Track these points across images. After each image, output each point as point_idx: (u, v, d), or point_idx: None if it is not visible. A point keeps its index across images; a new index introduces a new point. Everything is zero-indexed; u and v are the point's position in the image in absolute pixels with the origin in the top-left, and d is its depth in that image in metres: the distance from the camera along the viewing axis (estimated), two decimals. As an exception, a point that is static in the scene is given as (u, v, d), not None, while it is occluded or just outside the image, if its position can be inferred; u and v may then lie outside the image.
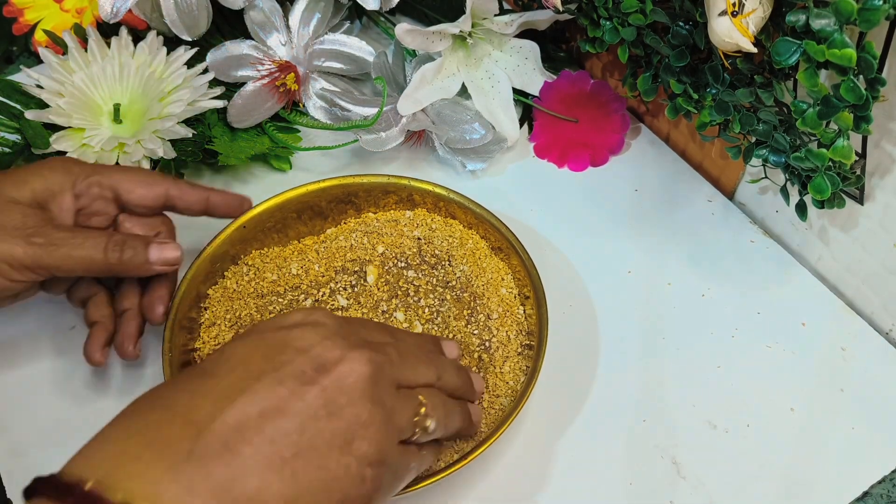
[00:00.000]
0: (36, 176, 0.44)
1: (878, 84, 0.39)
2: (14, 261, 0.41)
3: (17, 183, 0.43)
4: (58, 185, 0.44)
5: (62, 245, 0.42)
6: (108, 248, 0.43)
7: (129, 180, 0.46)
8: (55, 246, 0.42)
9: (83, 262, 0.42)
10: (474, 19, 0.60)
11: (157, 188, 0.47)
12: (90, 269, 0.43)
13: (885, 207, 0.48)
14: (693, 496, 0.45)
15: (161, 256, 0.44)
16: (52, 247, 0.41)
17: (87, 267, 0.43)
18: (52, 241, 0.42)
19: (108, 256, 0.43)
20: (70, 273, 0.43)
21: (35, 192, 0.43)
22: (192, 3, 0.59)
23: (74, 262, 0.42)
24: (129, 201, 0.46)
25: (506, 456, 0.47)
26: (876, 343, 0.52)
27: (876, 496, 0.46)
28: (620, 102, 0.63)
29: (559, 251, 0.57)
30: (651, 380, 0.50)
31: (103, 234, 0.43)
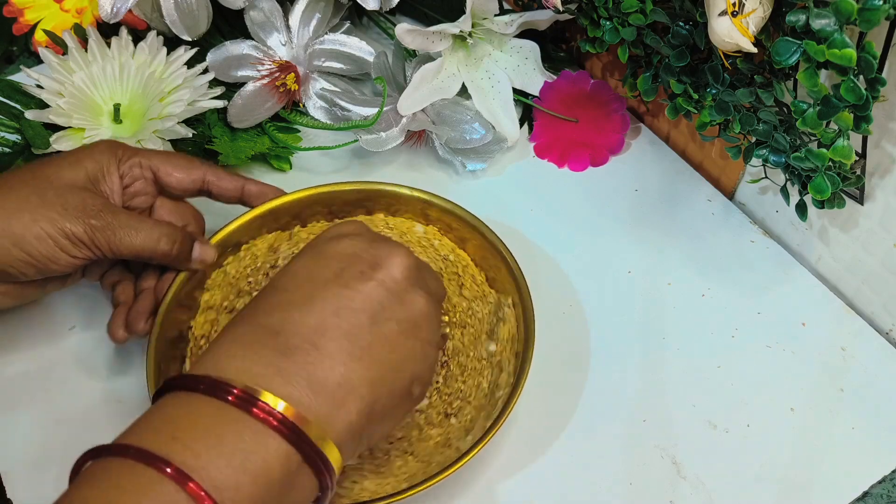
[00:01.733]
0: (88, 158, 0.46)
1: (878, 84, 0.39)
2: (75, 237, 0.43)
3: (73, 165, 0.46)
4: (106, 165, 0.47)
5: (118, 228, 0.44)
6: (162, 239, 0.46)
7: (168, 163, 0.49)
8: (112, 230, 0.44)
9: (135, 248, 0.45)
10: (474, 19, 0.60)
11: (195, 173, 0.49)
12: (138, 254, 0.46)
13: (885, 207, 0.48)
14: (693, 496, 0.45)
15: (200, 256, 0.48)
16: (110, 230, 0.44)
17: (137, 253, 0.45)
18: (110, 225, 0.44)
19: (160, 247, 0.46)
20: (119, 255, 0.45)
21: (88, 173, 0.46)
22: (192, 3, 0.59)
23: (127, 246, 0.45)
24: (167, 184, 0.49)
25: (504, 456, 0.47)
26: (876, 343, 0.52)
27: (876, 496, 0.46)
28: (620, 102, 0.63)
29: (559, 251, 0.57)
30: (651, 380, 0.50)
31: (157, 226, 0.46)
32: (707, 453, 0.47)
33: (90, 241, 0.44)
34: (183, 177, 0.49)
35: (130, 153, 0.48)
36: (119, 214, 0.45)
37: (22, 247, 0.42)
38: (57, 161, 0.46)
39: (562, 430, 0.48)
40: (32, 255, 0.43)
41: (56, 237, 0.43)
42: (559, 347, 0.52)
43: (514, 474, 0.46)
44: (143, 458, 0.30)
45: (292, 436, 0.33)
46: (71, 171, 0.45)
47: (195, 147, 0.58)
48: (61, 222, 0.43)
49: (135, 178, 0.48)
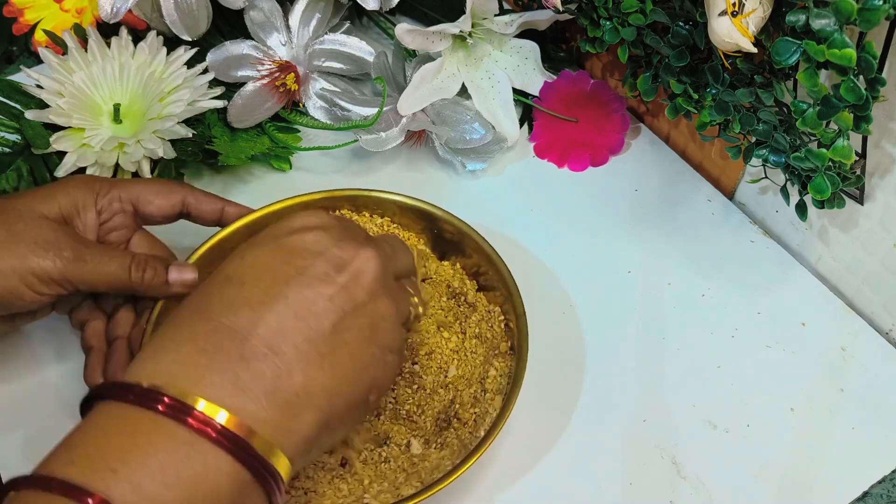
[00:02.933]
0: (62, 193, 0.45)
1: (878, 84, 0.39)
2: (43, 274, 0.42)
3: (46, 199, 0.45)
4: (82, 200, 0.46)
5: (89, 261, 0.43)
6: (132, 267, 0.44)
7: (147, 192, 0.48)
8: (83, 262, 0.43)
9: (107, 278, 0.44)
10: (474, 19, 0.60)
11: (174, 197, 0.49)
12: (112, 286, 0.44)
13: (885, 207, 0.48)
14: (693, 496, 0.45)
15: (180, 278, 0.46)
16: (81, 262, 0.43)
17: (110, 284, 0.44)
18: (80, 257, 0.43)
19: (132, 275, 0.44)
20: (92, 288, 0.44)
21: (62, 207, 0.45)
22: (192, 3, 0.59)
23: (99, 278, 0.43)
24: (148, 213, 0.48)
25: (504, 457, 0.47)
26: (876, 343, 0.52)
27: (876, 496, 0.46)
28: (620, 102, 0.63)
29: (559, 251, 0.57)
30: (651, 380, 0.50)
31: (127, 254, 0.45)
32: (707, 453, 0.47)
33: (60, 276, 0.42)
34: (163, 203, 0.48)
35: (108, 186, 0.47)
36: (90, 246, 0.44)
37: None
38: (29, 194, 0.45)
39: (562, 430, 0.48)
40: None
41: (23, 273, 0.41)
42: (559, 348, 0.52)
43: (515, 474, 0.46)
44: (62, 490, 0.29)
45: (235, 448, 0.31)
46: (43, 205, 0.44)
47: (195, 147, 0.58)
48: (29, 258, 0.41)
49: (114, 213, 0.47)
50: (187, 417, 0.31)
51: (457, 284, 0.51)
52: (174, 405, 0.31)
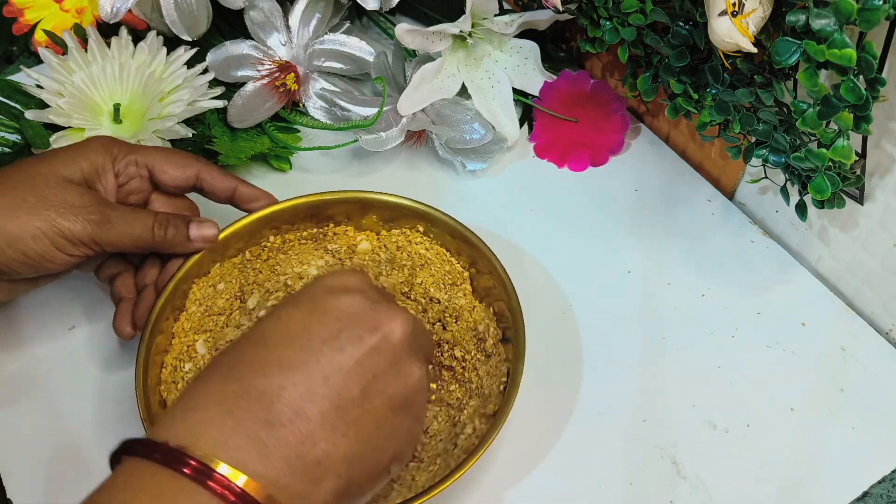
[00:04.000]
0: (83, 156, 0.46)
1: (878, 84, 0.39)
2: (73, 237, 0.43)
3: (68, 163, 0.45)
4: (101, 164, 0.46)
5: (115, 223, 0.45)
6: (155, 226, 0.46)
7: (163, 160, 0.48)
8: (109, 224, 0.44)
9: (132, 238, 0.45)
10: (474, 19, 0.60)
11: (189, 170, 0.49)
12: (137, 246, 0.46)
13: (885, 207, 0.48)
14: (693, 496, 0.45)
15: (200, 234, 0.48)
16: (108, 224, 0.44)
17: (135, 243, 0.45)
18: (107, 219, 0.44)
19: (155, 234, 0.46)
20: (119, 249, 0.45)
21: (84, 171, 0.46)
22: (192, 3, 0.59)
23: (125, 238, 0.45)
24: (162, 181, 0.49)
25: (504, 457, 0.47)
26: (876, 343, 0.52)
27: (876, 496, 0.46)
28: (620, 102, 0.63)
29: (559, 251, 0.57)
30: (651, 380, 0.50)
31: (150, 213, 0.46)
32: (707, 453, 0.47)
33: (89, 238, 0.43)
34: (178, 174, 0.49)
35: (126, 151, 0.48)
36: (115, 208, 0.45)
37: (17, 246, 0.42)
38: (51, 158, 0.46)
39: (562, 430, 0.48)
40: (28, 255, 0.42)
41: (53, 236, 0.43)
42: (558, 347, 0.52)
43: (515, 474, 0.46)
44: None
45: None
46: (66, 169, 0.45)
47: (195, 147, 0.58)
48: (59, 221, 0.43)
49: (130, 177, 0.48)
50: (209, 481, 0.31)
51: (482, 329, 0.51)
52: (198, 468, 0.31)
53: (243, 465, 0.31)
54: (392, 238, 0.53)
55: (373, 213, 0.53)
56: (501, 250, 0.56)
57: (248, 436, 0.32)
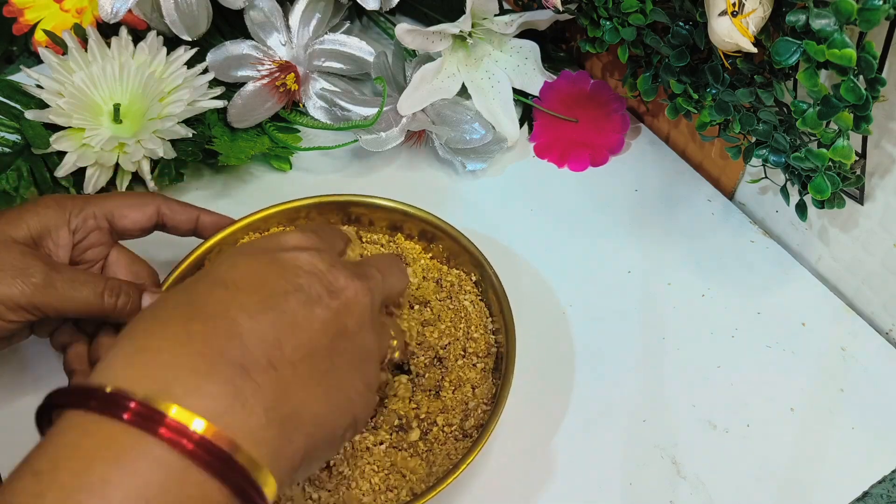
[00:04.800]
0: (31, 214, 0.44)
1: (878, 84, 0.39)
2: (10, 301, 0.40)
3: (13, 221, 0.43)
4: (53, 221, 0.44)
5: (59, 287, 0.42)
6: (105, 293, 0.43)
7: (121, 206, 0.47)
8: (53, 288, 0.41)
9: (79, 304, 0.42)
10: (474, 19, 0.60)
11: (148, 209, 0.48)
12: (84, 312, 0.43)
13: (885, 207, 0.48)
14: (693, 496, 0.45)
15: None
16: (50, 288, 0.41)
17: (82, 309, 0.42)
18: (50, 283, 0.41)
19: (105, 301, 0.43)
20: (63, 314, 0.42)
21: (31, 229, 0.44)
22: (192, 3, 0.59)
23: (70, 303, 0.42)
24: (123, 227, 0.47)
25: (503, 457, 0.47)
26: (876, 343, 0.52)
27: (876, 496, 0.46)
28: (620, 102, 0.63)
29: (559, 251, 0.57)
30: (651, 380, 0.50)
31: (100, 279, 0.43)
32: (707, 453, 0.47)
33: (28, 303, 0.41)
34: (138, 216, 0.47)
35: (81, 205, 0.46)
36: (62, 271, 0.42)
37: None
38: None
39: (560, 430, 0.48)
40: None
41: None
42: (558, 347, 0.52)
43: (514, 474, 0.46)
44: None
45: (217, 463, 0.27)
46: (11, 228, 0.43)
47: (195, 147, 0.58)
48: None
49: (89, 231, 0.46)
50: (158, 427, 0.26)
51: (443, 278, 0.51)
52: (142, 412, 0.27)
53: (220, 415, 0.28)
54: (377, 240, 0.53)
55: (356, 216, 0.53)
56: (501, 250, 0.56)
57: (223, 381, 0.28)
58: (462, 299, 0.50)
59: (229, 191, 0.60)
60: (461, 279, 0.51)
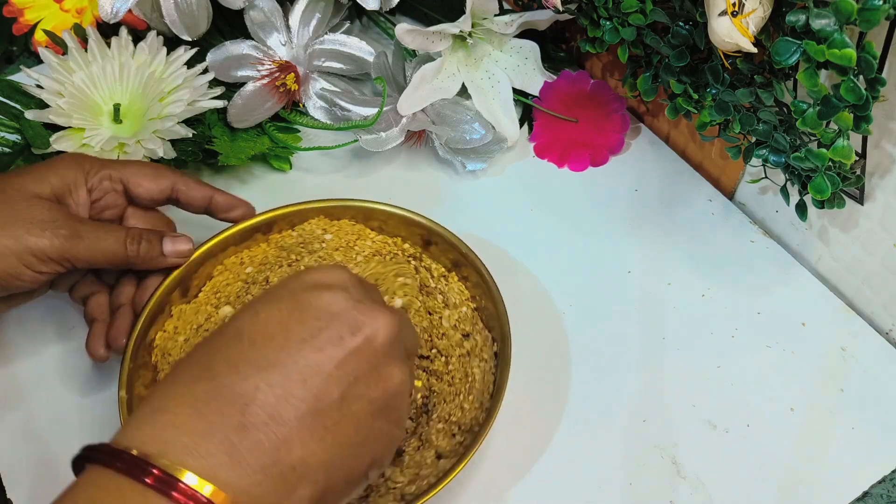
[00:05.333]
0: (53, 172, 0.45)
1: (878, 84, 0.39)
2: (41, 253, 0.42)
3: (37, 179, 0.45)
4: (72, 179, 0.46)
5: (86, 238, 0.43)
6: (128, 241, 0.45)
7: (137, 174, 0.48)
8: (79, 238, 0.43)
9: (104, 254, 0.44)
10: (474, 19, 0.60)
11: (164, 182, 0.48)
12: (110, 262, 0.45)
13: (885, 207, 0.48)
14: (693, 496, 0.45)
15: (174, 249, 0.47)
16: (77, 239, 0.43)
17: (108, 259, 0.44)
18: (77, 234, 0.43)
19: (128, 249, 0.45)
20: (90, 265, 0.44)
21: (54, 187, 0.45)
22: (192, 3, 0.59)
23: (96, 253, 0.44)
24: (137, 194, 0.48)
25: (502, 456, 0.47)
26: (876, 343, 0.52)
27: (876, 496, 0.46)
28: (620, 102, 0.63)
29: (559, 251, 0.57)
30: (651, 380, 0.50)
31: (122, 228, 0.45)
32: (707, 453, 0.47)
33: (58, 254, 0.42)
34: (152, 186, 0.48)
35: (98, 166, 0.47)
36: (85, 223, 0.44)
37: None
38: (21, 175, 0.45)
39: (562, 430, 0.48)
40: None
41: (20, 253, 0.41)
42: (558, 347, 0.52)
43: (514, 474, 0.46)
44: None
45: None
46: (35, 185, 0.44)
47: (195, 147, 0.58)
48: (25, 238, 0.41)
49: (104, 192, 0.47)
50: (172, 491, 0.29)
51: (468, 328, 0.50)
52: (162, 478, 0.29)
53: (212, 474, 0.30)
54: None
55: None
56: (500, 250, 0.56)
57: (219, 440, 0.30)
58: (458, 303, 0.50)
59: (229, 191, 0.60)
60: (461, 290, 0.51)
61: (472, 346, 0.48)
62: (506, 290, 0.48)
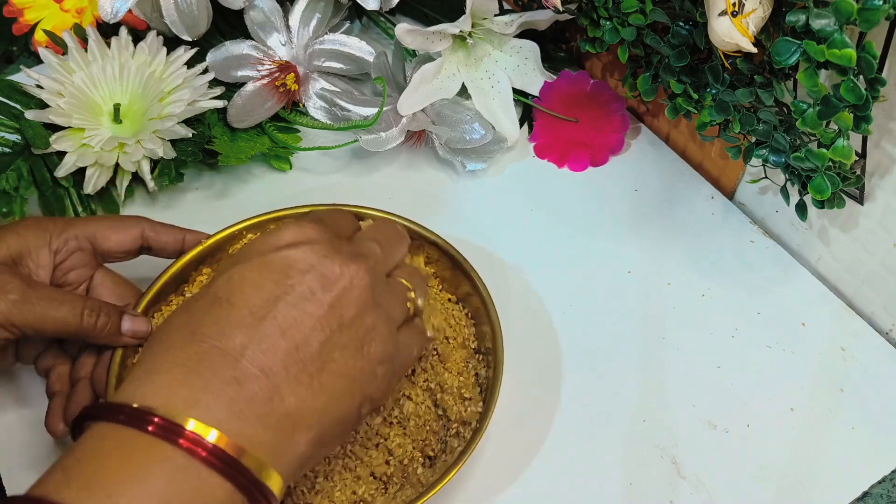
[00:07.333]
0: (11, 234, 0.44)
1: (878, 84, 0.39)
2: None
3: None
4: (33, 241, 0.44)
5: (36, 304, 0.41)
6: (85, 312, 0.43)
7: (102, 227, 0.47)
8: (29, 304, 0.41)
9: (55, 323, 0.42)
10: (474, 19, 0.60)
11: (132, 231, 0.47)
12: (61, 331, 0.42)
13: (885, 207, 0.48)
14: (693, 496, 0.45)
15: (132, 328, 0.44)
16: (27, 305, 0.41)
17: (58, 328, 0.42)
18: (27, 300, 0.41)
19: (84, 321, 0.42)
20: (41, 333, 0.42)
21: (10, 249, 0.44)
22: (192, 3, 0.59)
23: (48, 322, 0.41)
24: (107, 250, 0.47)
25: (502, 456, 0.47)
26: (876, 343, 0.52)
27: (876, 496, 0.46)
28: (620, 102, 0.63)
29: (559, 251, 0.57)
30: (651, 380, 0.50)
31: (80, 298, 0.43)
32: (707, 453, 0.47)
33: (5, 319, 0.40)
34: (121, 238, 0.47)
35: (62, 226, 0.46)
36: (39, 288, 0.42)
37: None
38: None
39: (560, 429, 0.48)
40: None
41: None
42: (558, 347, 0.52)
43: (514, 474, 0.46)
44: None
45: (226, 468, 0.31)
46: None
47: (195, 147, 0.58)
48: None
49: (70, 252, 0.46)
50: (178, 438, 0.31)
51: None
52: (165, 425, 0.31)
53: (217, 423, 0.32)
54: None
55: None
56: (500, 250, 0.56)
57: (217, 394, 0.33)
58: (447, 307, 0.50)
59: (229, 191, 0.60)
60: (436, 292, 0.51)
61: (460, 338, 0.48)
62: (505, 290, 0.48)
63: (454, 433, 0.45)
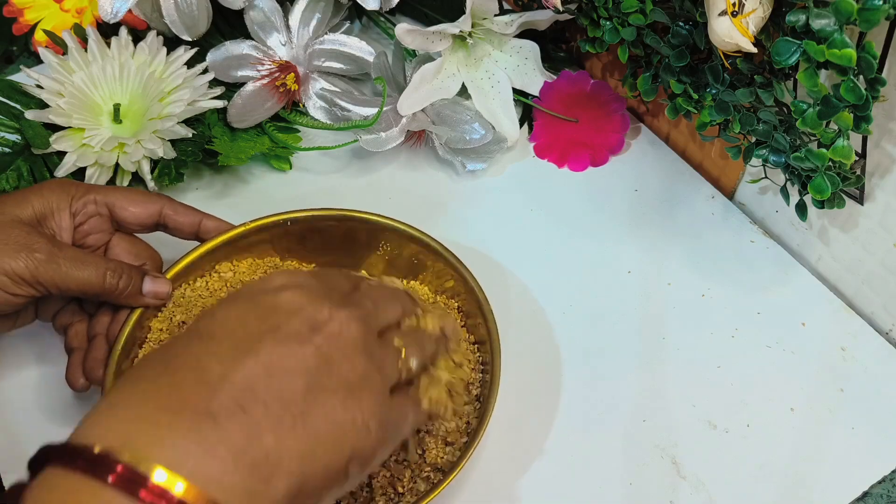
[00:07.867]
0: (36, 195, 0.45)
1: (878, 84, 0.39)
2: (14, 274, 0.41)
3: (19, 202, 0.44)
4: (56, 203, 0.45)
5: (62, 264, 0.42)
6: (108, 273, 0.44)
7: (123, 198, 0.47)
8: (55, 264, 0.42)
9: (79, 283, 0.43)
10: (474, 19, 0.60)
11: (152, 206, 0.48)
12: (84, 291, 0.43)
13: (885, 207, 0.48)
14: (693, 496, 0.45)
15: (153, 289, 0.46)
16: (53, 264, 0.42)
17: (82, 288, 0.43)
18: (53, 259, 0.42)
19: (107, 282, 0.44)
20: (64, 292, 0.43)
21: (35, 210, 0.45)
22: (192, 3, 0.59)
23: (71, 281, 0.43)
24: (123, 219, 0.47)
25: (502, 456, 0.47)
26: (876, 343, 0.52)
27: (876, 496, 0.46)
28: (620, 102, 0.63)
29: (559, 251, 0.57)
30: (651, 380, 0.50)
31: (104, 260, 0.44)
32: (707, 453, 0.47)
33: (32, 277, 0.42)
34: (139, 211, 0.47)
35: (84, 190, 0.46)
36: (64, 248, 0.43)
37: None
38: (3, 198, 0.45)
39: (560, 429, 0.48)
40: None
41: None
42: (558, 347, 0.52)
43: (514, 474, 0.46)
44: None
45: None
46: (16, 208, 0.44)
47: (195, 147, 0.58)
48: (1, 259, 0.41)
49: (89, 216, 0.47)
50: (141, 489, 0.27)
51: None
52: (127, 476, 0.27)
53: (181, 465, 0.28)
54: None
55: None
56: (500, 250, 0.56)
57: (187, 429, 0.29)
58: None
59: (229, 191, 0.60)
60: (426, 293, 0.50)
61: None
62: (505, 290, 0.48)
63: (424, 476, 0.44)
